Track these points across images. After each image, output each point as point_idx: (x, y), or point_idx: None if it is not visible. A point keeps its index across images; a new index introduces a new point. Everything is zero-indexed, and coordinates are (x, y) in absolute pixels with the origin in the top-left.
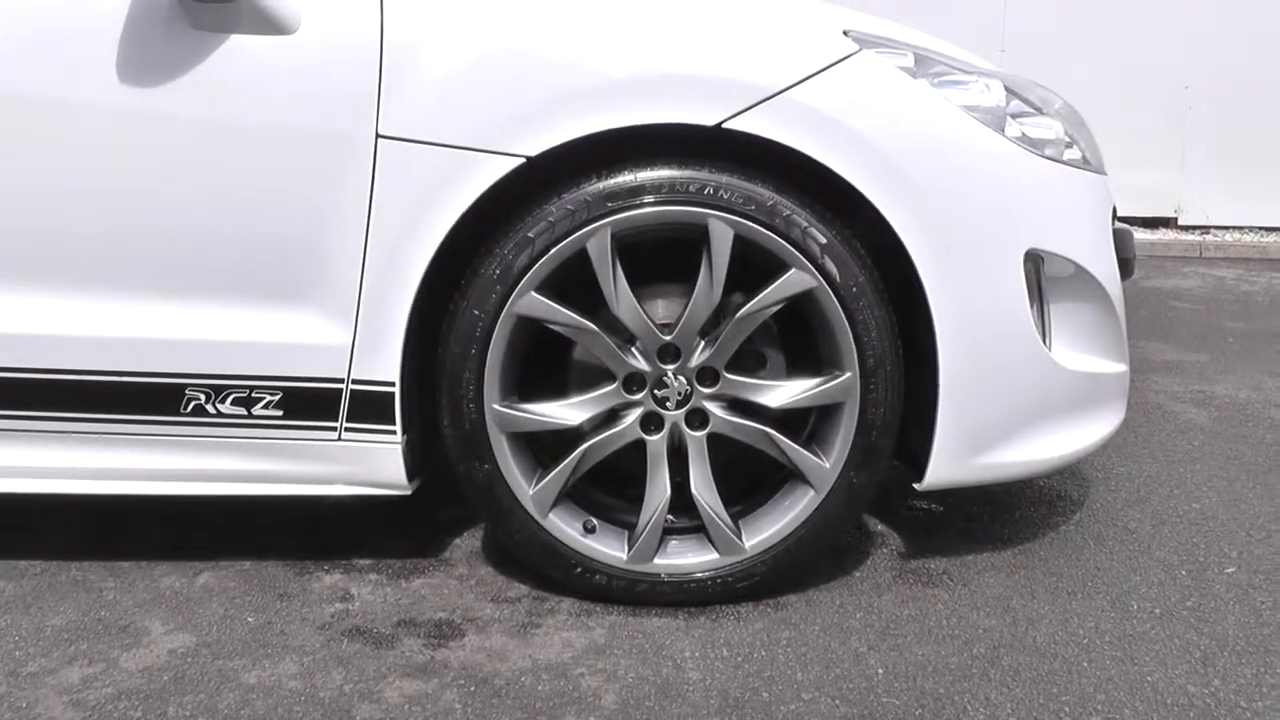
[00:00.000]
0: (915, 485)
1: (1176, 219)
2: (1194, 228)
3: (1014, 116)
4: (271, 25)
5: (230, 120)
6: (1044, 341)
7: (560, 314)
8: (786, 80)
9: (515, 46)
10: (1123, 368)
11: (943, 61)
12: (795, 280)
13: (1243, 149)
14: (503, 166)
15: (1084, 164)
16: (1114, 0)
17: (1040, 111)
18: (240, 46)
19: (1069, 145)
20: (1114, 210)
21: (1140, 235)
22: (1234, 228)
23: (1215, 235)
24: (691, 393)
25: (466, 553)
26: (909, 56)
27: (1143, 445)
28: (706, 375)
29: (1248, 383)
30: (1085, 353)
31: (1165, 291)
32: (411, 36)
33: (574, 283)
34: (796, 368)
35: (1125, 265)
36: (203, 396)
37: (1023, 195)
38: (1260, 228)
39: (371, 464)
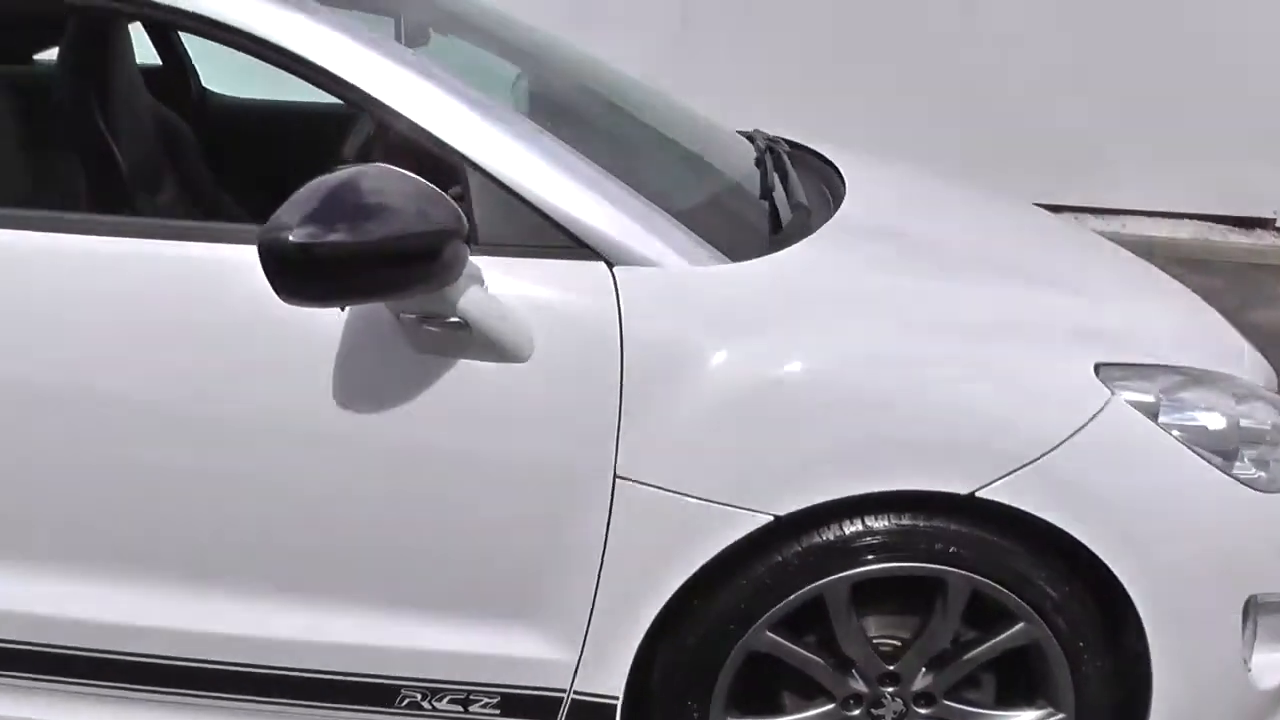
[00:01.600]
0: None
1: (1275, 220)
2: None
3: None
4: (501, 353)
5: (459, 447)
6: (1246, 664)
7: (792, 652)
8: (1040, 448)
9: (765, 398)
10: None
11: (1182, 376)
12: (1025, 633)
13: None
14: (749, 523)
15: None
16: None
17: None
18: (469, 372)
19: None
20: None
21: (1234, 239)
22: None
23: None
24: (906, 713)
25: None
26: (1153, 393)
27: None
28: (923, 696)
29: None
30: (1273, 653)
31: (1268, 331)
32: (654, 377)
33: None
34: (1007, 688)
35: None
36: (418, 695)
37: (1248, 541)
38: None
39: None
